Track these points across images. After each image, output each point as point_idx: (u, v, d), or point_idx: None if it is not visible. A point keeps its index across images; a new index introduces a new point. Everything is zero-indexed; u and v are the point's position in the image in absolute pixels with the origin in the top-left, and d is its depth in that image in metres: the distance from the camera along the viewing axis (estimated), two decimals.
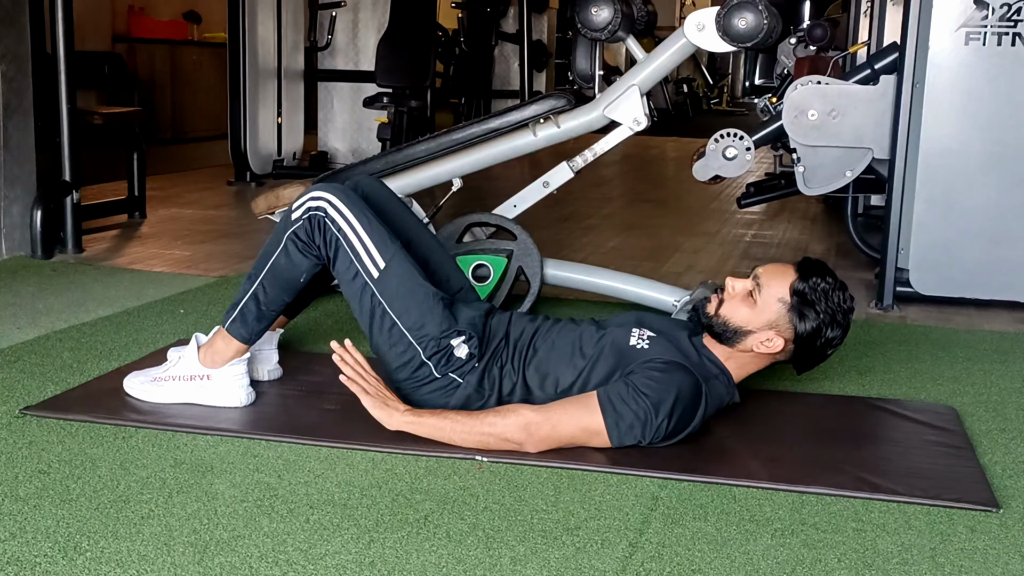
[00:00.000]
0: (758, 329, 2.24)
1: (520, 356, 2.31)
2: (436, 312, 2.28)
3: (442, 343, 2.26)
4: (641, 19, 3.22)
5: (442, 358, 2.27)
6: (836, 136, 3.53)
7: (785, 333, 2.23)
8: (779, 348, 2.24)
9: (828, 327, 2.23)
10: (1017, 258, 3.53)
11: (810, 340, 2.24)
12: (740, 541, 1.79)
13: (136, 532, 1.73)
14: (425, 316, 2.27)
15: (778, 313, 2.23)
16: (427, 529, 1.79)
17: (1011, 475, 2.13)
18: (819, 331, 2.23)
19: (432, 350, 2.26)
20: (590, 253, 4.49)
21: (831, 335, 2.24)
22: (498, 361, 2.30)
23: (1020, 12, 3.39)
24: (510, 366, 2.29)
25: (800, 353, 2.27)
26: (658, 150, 9.73)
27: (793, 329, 2.23)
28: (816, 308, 2.22)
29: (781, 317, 2.23)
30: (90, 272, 3.78)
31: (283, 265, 2.32)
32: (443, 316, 2.28)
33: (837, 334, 2.25)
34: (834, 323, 2.24)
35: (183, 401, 2.36)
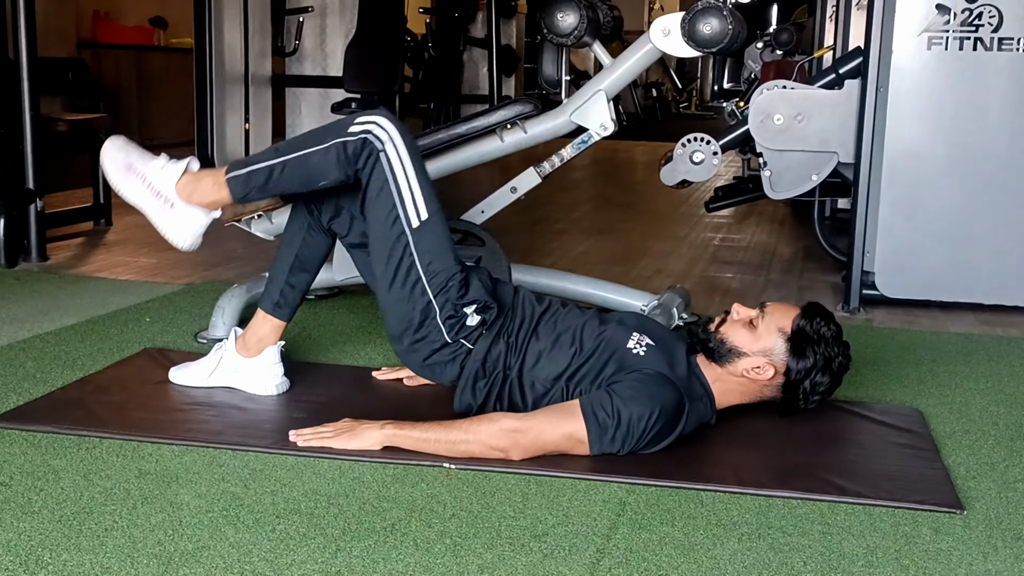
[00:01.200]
0: (752, 354, 2.25)
1: (525, 336, 2.31)
2: (459, 276, 2.28)
3: (458, 309, 2.27)
4: (607, 24, 3.23)
5: (456, 323, 2.28)
6: (802, 140, 3.56)
7: (777, 364, 2.25)
8: (768, 377, 2.25)
9: (820, 371, 2.25)
10: (981, 260, 3.57)
11: (799, 379, 2.25)
12: (707, 545, 1.79)
13: (99, 544, 1.71)
14: (451, 279, 2.27)
15: (775, 343, 2.24)
16: (394, 537, 1.78)
17: (975, 476, 2.15)
18: (810, 372, 2.24)
19: (448, 312, 2.27)
20: (559, 258, 4.50)
21: (820, 380, 2.26)
22: (504, 335, 2.31)
23: (981, 17, 3.42)
24: (515, 342, 2.30)
25: (786, 391, 2.28)
26: (627, 154, 9.76)
27: (786, 363, 2.24)
28: (814, 348, 2.24)
29: (777, 348, 2.24)
30: (55, 281, 3.74)
31: (315, 161, 2.25)
32: (463, 281, 2.29)
33: (825, 381, 2.27)
34: (827, 370, 2.26)
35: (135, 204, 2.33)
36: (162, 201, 2.31)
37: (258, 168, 2.29)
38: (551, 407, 2.19)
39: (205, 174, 2.33)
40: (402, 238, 2.26)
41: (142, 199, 2.32)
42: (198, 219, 2.33)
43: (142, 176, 2.32)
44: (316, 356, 2.89)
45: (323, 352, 2.92)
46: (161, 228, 2.33)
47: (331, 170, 2.26)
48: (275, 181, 2.28)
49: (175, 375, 2.54)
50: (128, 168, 2.33)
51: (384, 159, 2.25)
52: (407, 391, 2.57)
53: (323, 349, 2.95)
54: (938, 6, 3.45)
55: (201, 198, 2.31)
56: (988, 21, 3.42)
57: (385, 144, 2.25)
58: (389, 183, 2.25)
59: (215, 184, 2.31)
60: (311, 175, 2.28)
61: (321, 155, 2.25)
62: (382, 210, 2.27)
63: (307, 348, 2.95)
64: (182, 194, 2.31)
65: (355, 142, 2.24)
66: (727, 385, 2.29)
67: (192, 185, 2.31)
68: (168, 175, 2.31)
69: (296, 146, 2.29)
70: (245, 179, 2.29)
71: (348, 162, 2.25)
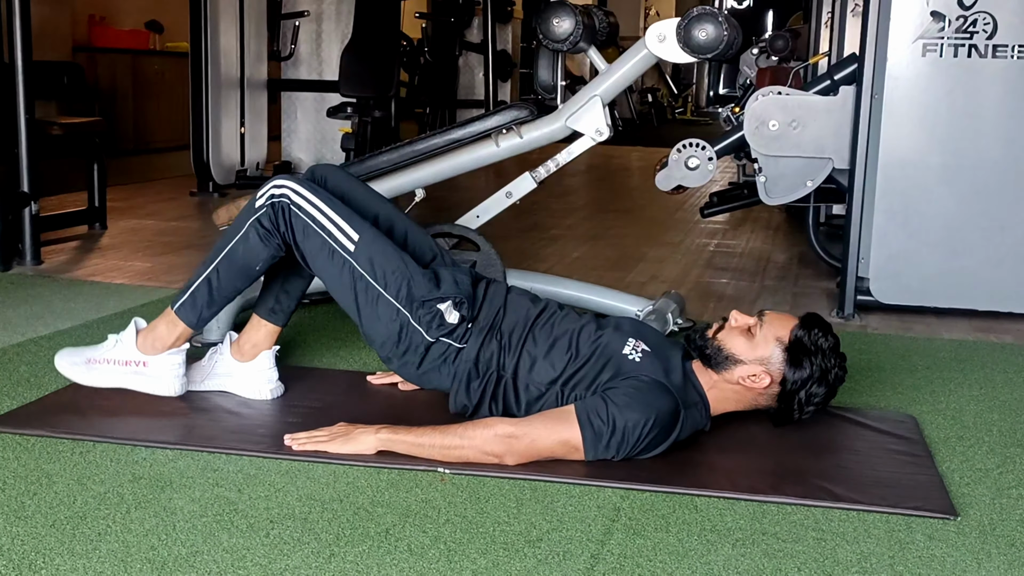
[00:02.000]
0: (749, 362, 2.25)
1: (520, 337, 2.32)
2: (417, 275, 2.31)
3: (427, 305, 2.29)
4: (603, 30, 3.23)
5: (432, 321, 2.29)
6: (797, 146, 3.57)
7: (774, 373, 2.25)
8: (763, 386, 2.25)
9: (815, 382, 2.25)
10: (975, 267, 3.57)
11: (795, 389, 2.25)
12: (701, 551, 1.79)
13: (93, 549, 1.71)
14: (408, 280, 2.30)
15: (772, 352, 2.24)
16: (388, 542, 1.78)
17: (968, 483, 2.15)
18: (806, 383, 2.24)
19: (419, 312, 2.29)
20: (554, 263, 4.50)
21: (815, 391, 2.25)
22: (496, 335, 2.31)
23: (976, 24, 3.43)
24: (508, 343, 2.31)
25: (780, 400, 2.28)
26: (622, 160, 9.77)
27: (782, 373, 2.24)
28: (811, 359, 2.24)
29: (774, 357, 2.24)
30: (49, 284, 3.73)
31: (240, 252, 2.33)
32: (425, 278, 2.32)
33: (821, 392, 2.27)
34: (823, 381, 2.26)
35: (113, 386, 2.39)
36: (133, 366, 2.40)
37: (196, 285, 2.37)
38: (546, 413, 2.19)
39: (156, 322, 2.41)
40: (346, 265, 2.31)
41: (116, 377, 2.41)
42: (173, 361, 2.41)
43: (103, 360, 2.41)
44: (311, 361, 2.88)
45: (318, 357, 2.92)
46: (147, 390, 2.41)
47: (259, 251, 2.33)
48: (217, 289, 2.37)
49: None
50: (88, 362, 2.42)
51: (296, 208, 2.32)
52: (402, 395, 2.57)
53: (318, 354, 2.95)
54: (933, 13, 3.46)
55: (164, 343, 2.40)
56: (983, 28, 3.43)
57: (290, 195, 2.32)
58: (311, 224, 2.31)
59: (168, 324, 2.39)
60: (244, 265, 2.35)
61: (242, 243, 2.33)
62: (317, 251, 2.32)
63: (302, 353, 2.95)
64: (146, 350, 2.40)
65: (266, 211, 2.32)
66: (722, 392, 2.29)
67: (150, 337, 2.40)
68: (125, 344, 2.41)
69: (220, 248, 2.36)
70: (190, 303, 2.38)
71: (270, 233, 2.32)
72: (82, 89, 7.80)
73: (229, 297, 2.41)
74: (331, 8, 6.93)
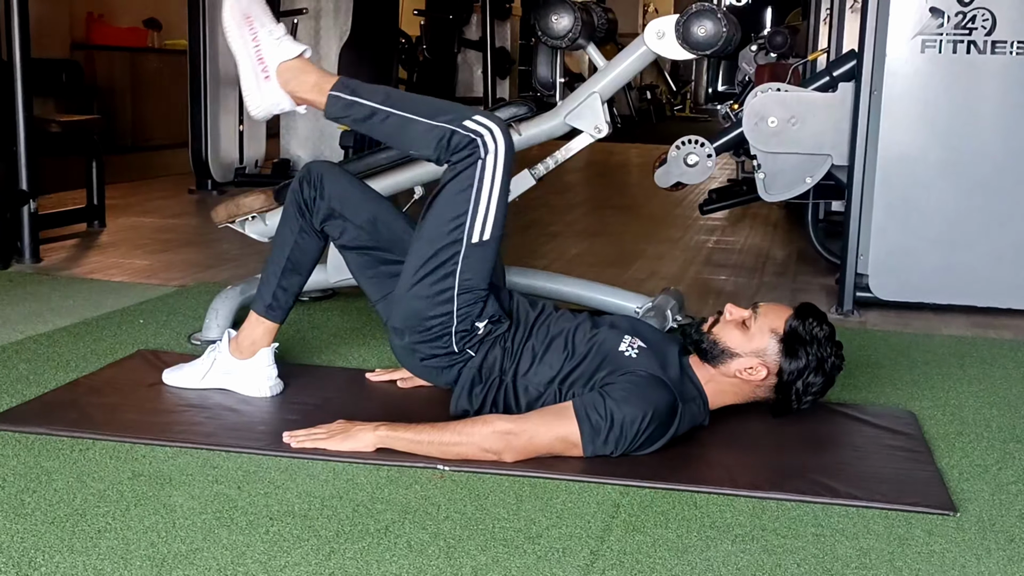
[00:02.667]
0: (745, 355, 2.25)
1: (520, 341, 2.31)
2: (484, 297, 2.28)
3: (474, 325, 2.28)
4: (602, 27, 3.23)
5: (467, 336, 2.28)
6: (796, 143, 3.57)
7: (770, 365, 2.25)
8: (761, 378, 2.25)
9: (812, 371, 2.25)
10: (974, 263, 3.57)
11: (792, 380, 2.25)
12: (701, 547, 1.79)
13: (92, 546, 1.71)
14: (479, 300, 2.27)
15: (768, 343, 2.24)
16: (388, 539, 1.78)
17: (968, 478, 2.15)
18: (802, 372, 2.24)
19: (465, 327, 2.28)
20: (553, 260, 4.50)
21: (812, 380, 2.25)
22: (500, 341, 2.31)
23: (975, 20, 3.43)
24: (510, 347, 2.31)
25: (778, 391, 2.28)
26: (621, 157, 9.77)
27: (778, 364, 2.24)
28: (806, 349, 2.24)
29: (770, 348, 2.24)
30: (48, 282, 3.73)
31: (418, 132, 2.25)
32: (485, 300, 2.29)
33: (818, 382, 2.26)
34: (819, 370, 2.25)
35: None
36: (260, 68, 2.29)
37: (363, 103, 2.27)
38: (544, 409, 2.19)
39: (312, 70, 2.30)
40: (456, 246, 2.25)
41: (244, 55, 2.30)
42: (281, 102, 2.32)
43: (255, 34, 2.29)
44: (310, 358, 2.88)
45: (317, 354, 2.92)
46: (246, 89, 2.31)
47: (428, 146, 2.25)
48: (372, 124, 2.28)
49: (168, 377, 2.54)
50: (245, 19, 2.30)
51: (480, 167, 2.22)
52: (401, 393, 2.57)
53: (317, 351, 2.95)
54: (932, 9, 3.45)
55: (296, 89, 2.30)
56: (981, 24, 3.43)
57: (489, 154, 2.23)
58: (472, 190, 2.23)
59: (317, 86, 2.29)
60: (407, 139, 2.28)
61: (427, 130, 2.23)
62: (452, 211, 2.24)
63: (301, 350, 2.95)
64: (282, 75, 2.29)
65: (464, 137, 2.22)
66: (720, 386, 2.29)
67: (296, 73, 2.29)
68: (280, 50, 2.29)
69: (408, 106, 2.27)
70: (347, 104, 2.28)
71: (446, 150, 2.23)
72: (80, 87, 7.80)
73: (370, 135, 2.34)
74: (329, 5, 6.92)
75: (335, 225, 2.43)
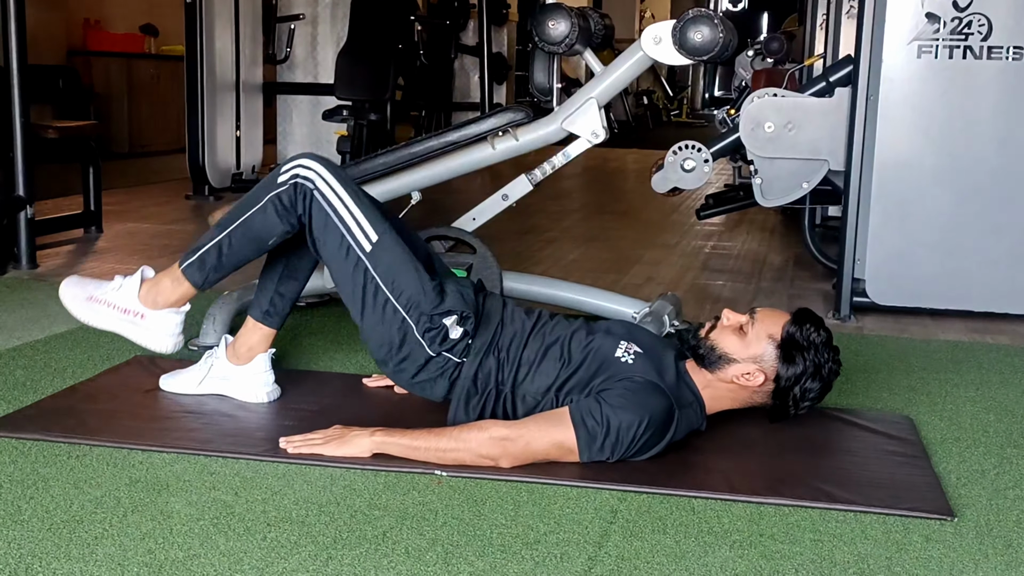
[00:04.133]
0: (742, 360, 2.24)
1: (516, 350, 2.31)
2: (428, 288, 2.28)
3: (435, 320, 2.27)
4: (598, 32, 3.23)
5: (436, 336, 2.27)
6: (792, 148, 3.57)
7: (767, 371, 2.24)
8: (758, 384, 2.25)
9: (809, 377, 2.24)
10: (970, 268, 3.58)
11: (788, 385, 2.25)
12: (698, 553, 1.79)
13: (89, 553, 1.71)
14: (418, 291, 2.28)
15: (765, 349, 2.24)
16: (386, 545, 1.78)
17: (965, 483, 2.15)
18: (799, 378, 2.23)
19: (425, 326, 2.27)
20: (550, 266, 4.50)
21: (809, 386, 2.25)
22: (494, 350, 2.30)
23: (971, 26, 3.44)
24: (506, 357, 2.30)
25: (776, 397, 2.27)
26: (618, 162, 9.78)
27: (776, 369, 2.24)
28: (804, 355, 2.23)
29: (767, 354, 2.24)
30: (44, 288, 3.73)
31: (257, 223, 2.31)
32: (434, 292, 2.29)
33: (816, 388, 2.26)
34: (817, 376, 2.25)
35: (107, 329, 2.40)
36: (131, 316, 2.38)
37: (207, 248, 2.35)
38: (540, 415, 2.19)
39: (162, 276, 2.39)
40: (359, 264, 2.28)
41: (113, 322, 2.39)
42: (171, 320, 2.40)
43: (104, 302, 2.39)
44: (307, 364, 2.88)
45: (314, 360, 2.92)
46: (140, 342, 2.40)
47: (275, 225, 2.31)
48: (227, 255, 2.34)
49: (165, 383, 2.54)
50: (89, 299, 2.40)
51: (319, 196, 2.28)
52: (398, 398, 2.57)
53: (314, 357, 2.95)
54: (928, 15, 3.46)
55: (166, 299, 2.38)
56: (978, 30, 3.44)
57: (315, 182, 2.29)
58: (331, 216, 2.28)
59: (173, 281, 2.37)
60: (258, 236, 2.33)
61: (260, 214, 2.30)
62: (333, 244, 2.30)
63: (298, 356, 2.94)
64: (147, 303, 2.38)
65: (287, 190, 2.29)
66: (717, 391, 2.29)
67: (153, 291, 2.38)
68: (128, 291, 2.39)
69: (236, 215, 2.34)
70: (198, 264, 2.35)
71: (288, 211, 2.29)
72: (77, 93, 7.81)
73: (237, 265, 2.38)
74: (326, 11, 6.93)
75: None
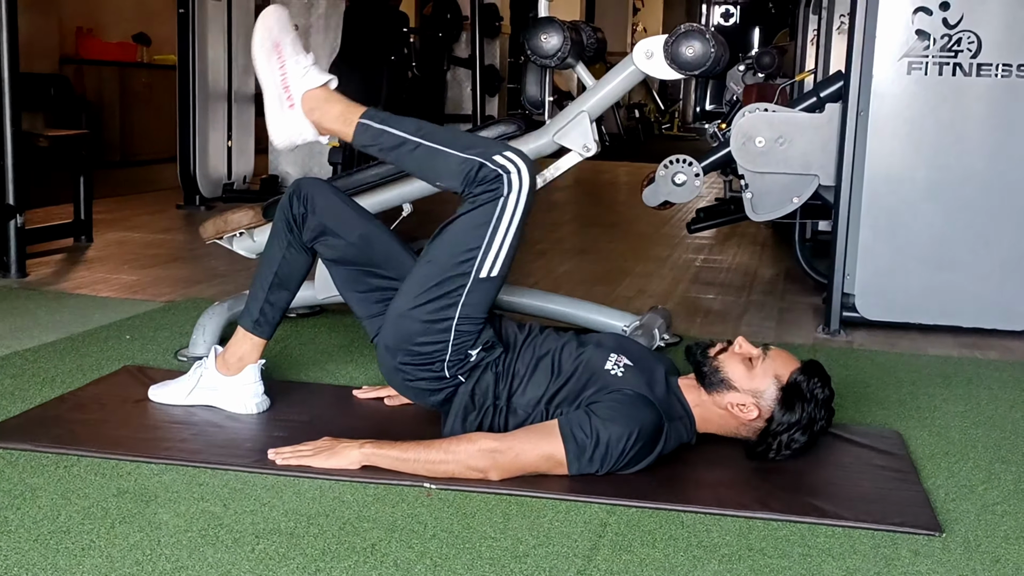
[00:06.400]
0: (742, 391, 2.22)
1: (510, 364, 2.30)
2: (481, 328, 2.27)
3: (466, 352, 2.27)
4: (591, 46, 3.24)
5: (460, 363, 2.27)
6: (783, 163, 3.58)
7: (763, 409, 2.22)
8: (750, 418, 2.22)
9: (799, 429, 2.21)
10: (960, 284, 3.59)
11: (779, 430, 2.21)
12: (688, 567, 1.79)
13: (77, 564, 1.70)
14: (475, 333, 2.26)
15: (767, 388, 2.21)
16: (375, 558, 1.77)
17: (954, 498, 2.16)
18: (791, 427, 2.21)
19: (457, 356, 2.27)
20: (541, 278, 4.50)
21: (797, 437, 2.22)
22: (491, 366, 2.30)
23: (960, 43, 3.46)
24: (502, 371, 2.29)
25: (762, 436, 2.24)
26: (610, 175, 9.80)
27: (771, 410, 2.21)
28: (803, 405, 2.21)
29: (768, 393, 2.21)
30: (34, 297, 3.72)
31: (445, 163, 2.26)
32: (482, 331, 2.28)
33: (802, 441, 2.23)
34: (807, 429, 2.22)
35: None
36: (286, 96, 2.31)
37: (392, 132, 2.27)
38: (529, 427, 2.19)
39: (338, 99, 2.32)
40: (463, 278, 2.24)
41: (270, 83, 2.32)
42: (305, 132, 2.33)
43: (282, 63, 2.31)
44: (297, 375, 2.88)
45: (304, 371, 2.92)
46: (269, 118, 2.33)
47: (454, 178, 2.25)
48: (400, 153, 2.28)
49: (155, 393, 2.53)
50: (275, 47, 2.32)
51: (502, 203, 2.22)
52: (388, 410, 2.57)
53: (304, 367, 2.94)
54: (918, 32, 3.48)
55: (321, 119, 2.31)
56: (967, 47, 3.46)
57: (512, 192, 2.22)
58: (488, 226, 2.22)
59: (343, 116, 2.30)
60: (434, 170, 2.29)
61: (457, 162, 2.23)
62: (465, 243, 2.24)
63: (288, 366, 2.94)
64: (307, 104, 2.30)
65: (491, 171, 2.21)
66: (708, 413, 2.27)
67: (320, 102, 2.31)
68: (306, 80, 2.31)
69: (439, 137, 2.27)
70: (375, 133, 2.28)
71: (472, 182, 2.23)
72: (69, 101, 7.79)
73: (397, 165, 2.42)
74: (319, 22, 6.93)
75: (326, 241, 2.43)
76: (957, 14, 3.46)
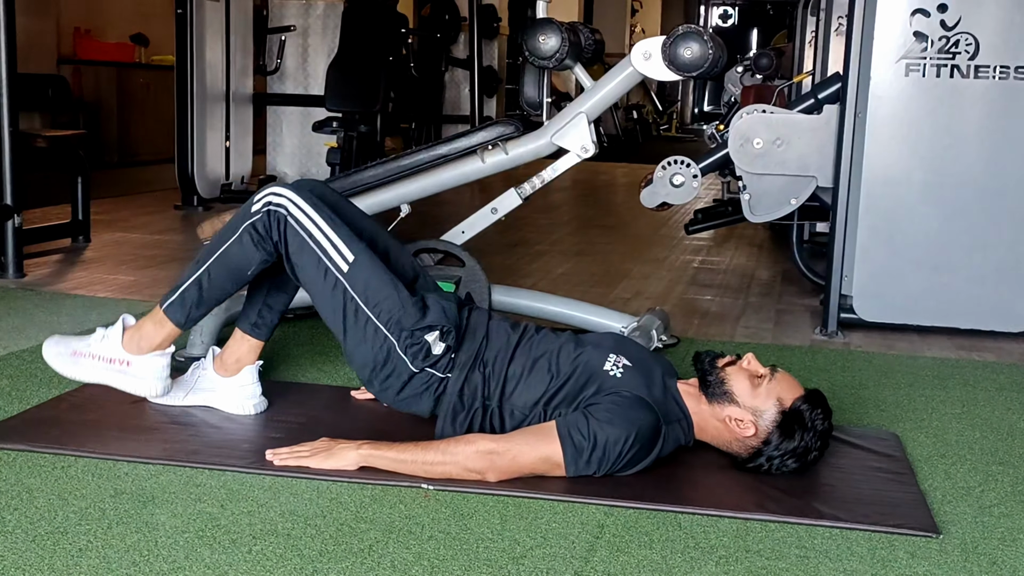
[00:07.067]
0: (743, 406, 2.20)
1: (502, 364, 2.30)
2: (408, 304, 2.30)
3: (416, 336, 2.27)
4: (589, 47, 3.24)
5: (419, 352, 2.28)
6: (781, 164, 3.58)
7: (760, 428, 2.20)
8: (746, 434, 2.20)
9: (793, 456, 2.20)
10: (957, 285, 3.60)
11: (773, 454, 2.20)
12: (685, 569, 1.79)
13: (73, 565, 1.70)
14: (398, 308, 2.29)
15: (769, 408, 2.20)
16: (372, 559, 1.77)
17: (951, 500, 2.16)
18: (785, 453, 2.19)
19: (407, 342, 2.27)
20: (539, 279, 4.50)
21: (787, 462, 2.20)
22: (479, 365, 2.30)
23: (958, 45, 3.47)
24: (492, 372, 2.29)
25: (753, 455, 2.23)
26: (608, 176, 9.80)
27: (768, 432, 2.20)
28: (801, 434, 2.19)
29: (768, 414, 2.20)
30: (32, 298, 3.71)
31: (234, 254, 2.33)
32: (415, 308, 2.30)
33: (792, 467, 2.21)
34: (801, 457, 2.20)
35: (95, 381, 2.41)
36: (117, 365, 2.40)
37: (187, 285, 2.37)
38: (527, 429, 2.19)
39: (144, 321, 2.42)
40: (338, 285, 2.30)
41: (100, 373, 2.41)
42: (157, 363, 2.42)
43: (88, 355, 2.41)
44: (294, 376, 2.88)
45: (302, 372, 2.92)
46: (129, 389, 2.42)
47: (252, 255, 2.33)
48: (207, 290, 2.37)
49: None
50: (73, 354, 2.42)
51: (293, 221, 2.31)
52: (385, 411, 2.56)
53: (302, 369, 2.94)
54: (916, 33, 3.49)
55: (150, 343, 2.40)
56: (965, 49, 3.46)
57: (288, 207, 2.32)
58: (306, 240, 2.31)
59: (156, 323, 2.40)
60: (237, 268, 2.35)
61: (237, 245, 2.33)
62: (310, 267, 2.32)
63: (286, 368, 2.94)
64: (131, 349, 2.40)
65: (261, 218, 2.31)
66: (704, 421, 2.26)
67: (136, 336, 2.40)
68: (111, 341, 2.41)
69: (213, 248, 2.36)
70: (179, 303, 2.38)
71: (264, 239, 2.32)
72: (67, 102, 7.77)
73: (219, 299, 2.40)
74: (317, 23, 6.94)
75: None
76: (955, 16, 3.46)
